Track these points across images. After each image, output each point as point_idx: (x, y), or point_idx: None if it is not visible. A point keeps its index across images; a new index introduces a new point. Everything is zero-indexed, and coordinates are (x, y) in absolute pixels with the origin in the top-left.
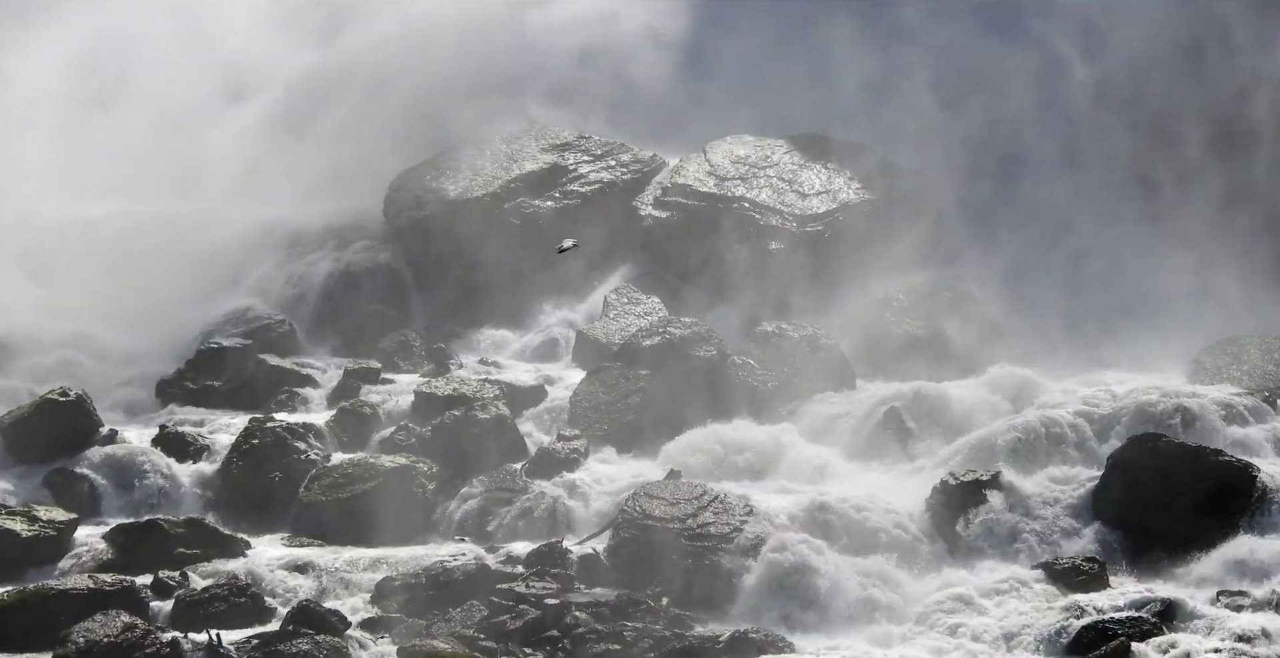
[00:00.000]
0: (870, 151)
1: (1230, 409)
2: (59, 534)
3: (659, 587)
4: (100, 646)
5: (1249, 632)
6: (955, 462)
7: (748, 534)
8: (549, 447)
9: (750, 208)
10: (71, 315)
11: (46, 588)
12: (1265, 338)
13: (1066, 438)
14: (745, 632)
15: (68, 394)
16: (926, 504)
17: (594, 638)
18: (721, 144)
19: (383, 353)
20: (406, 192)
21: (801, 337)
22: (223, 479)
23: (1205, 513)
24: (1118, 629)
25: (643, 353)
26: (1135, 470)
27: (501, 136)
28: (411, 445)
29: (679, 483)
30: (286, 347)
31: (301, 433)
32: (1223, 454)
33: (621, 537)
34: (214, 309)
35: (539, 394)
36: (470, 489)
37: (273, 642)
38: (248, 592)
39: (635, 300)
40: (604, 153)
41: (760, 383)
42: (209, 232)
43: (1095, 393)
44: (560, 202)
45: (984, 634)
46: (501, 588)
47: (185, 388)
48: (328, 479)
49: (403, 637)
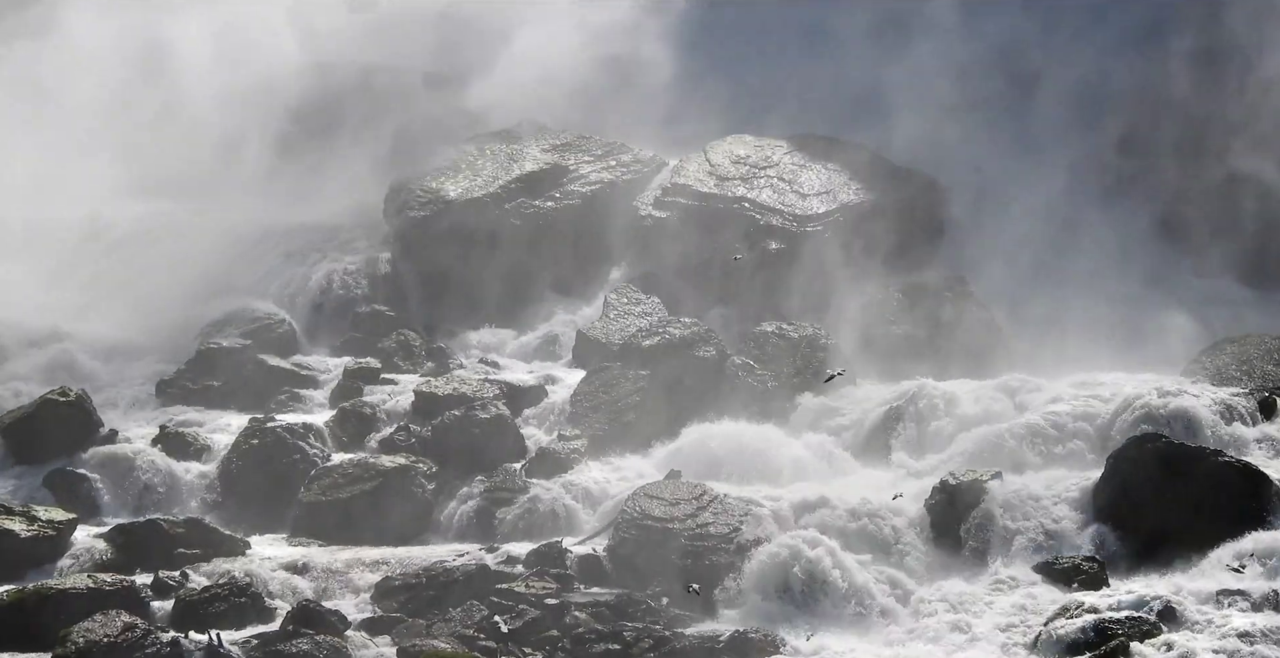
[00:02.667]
0: (870, 152)
1: (1230, 409)
2: (59, 534)
3: (659, 587)
4: (100, 646)
5: (1249, 632)
6: (955, 462)
7: (747, 534)
8: (549, 447)
9: (750, 208)
10: (71, 315)
11: (46, 588)
12: (1265, 338)
13: (1067, 438)
14: (745, 632)
15: (68, 394)
16: (926, 504)
17: (594, 638)
18: (721, 144)
19: (383, 353)
20: (406, 192)
21: (801, 337)
22: (223, 479)
23: (1205, 513)
24: (1118, 629)
25: (643, 353)
26: (1135, 470)
27: (502, 137)
28: (411, 446)
29: (679, 483)
30: (286, 347)
31: (301, 433)
32: (1222, 454)
33: (621, 537)
34: (214, 309)
35: (539, 394)
36: (470, 489)
37: (273, 642)
38: (248, 592)
39: (635, 300)
40: (604, 153)
41: (760, 383)
42: (209, 232)
43: (1095, 393)
44: (560, 202)
45: (984, 634)
46: (501, 588)
47: (185, 388)
48: (328, 479)
49: (403, 637)
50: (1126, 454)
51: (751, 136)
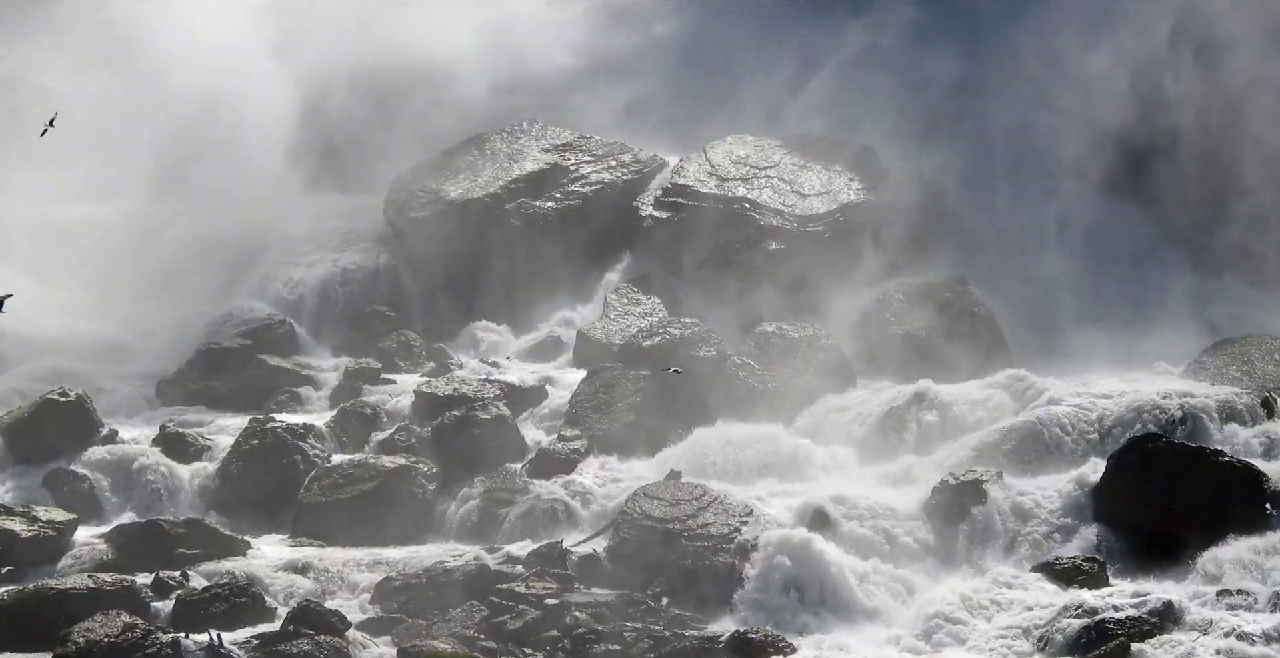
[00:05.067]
0: (870, 152)
1: (1230, 409)
2: (59, 534)
3: (659, 587)
4: (100, 646)
5: (1249, 632)
6: (956, 462)
7: (747, 535)
8: (549, 447)
9: (750, 208)
10: (71, 315)
11: (46, 588)
12: (1265, 338)
13: (1067, 438)
14: (745, 632)
15: (68, 394)
16: (927, 505)
17: (594, 638)
18: (721, 144)
19: (383, 353)
20: (407, 192)
21: (801, 337)
22: (223, 480)
23: (1205, 513)
24: (1118, 629)
25: (643, 353)
26: (1135, 471)
27: (503, 137)
28: (411, 446)
29: (679, 483)
30: (286, 347)
31: (302, 433)
32: (1222, 455)
33: (621, 537)
34: (214, 309)
35: (539, 394)
36: (470, 490)
37: (273, 642)
38: (248, 592)
39: (635, 301)
40: (604, 153)
41: (760, 383)
42: (209, 232)
43: (1096, 393)
44: (561, 202)
45: (984, 634)
46: (501, 588)
47: (185, 388)
48: (328, 480)
49: (403, 637)
50: (1127, 454)
51: (751, 137)
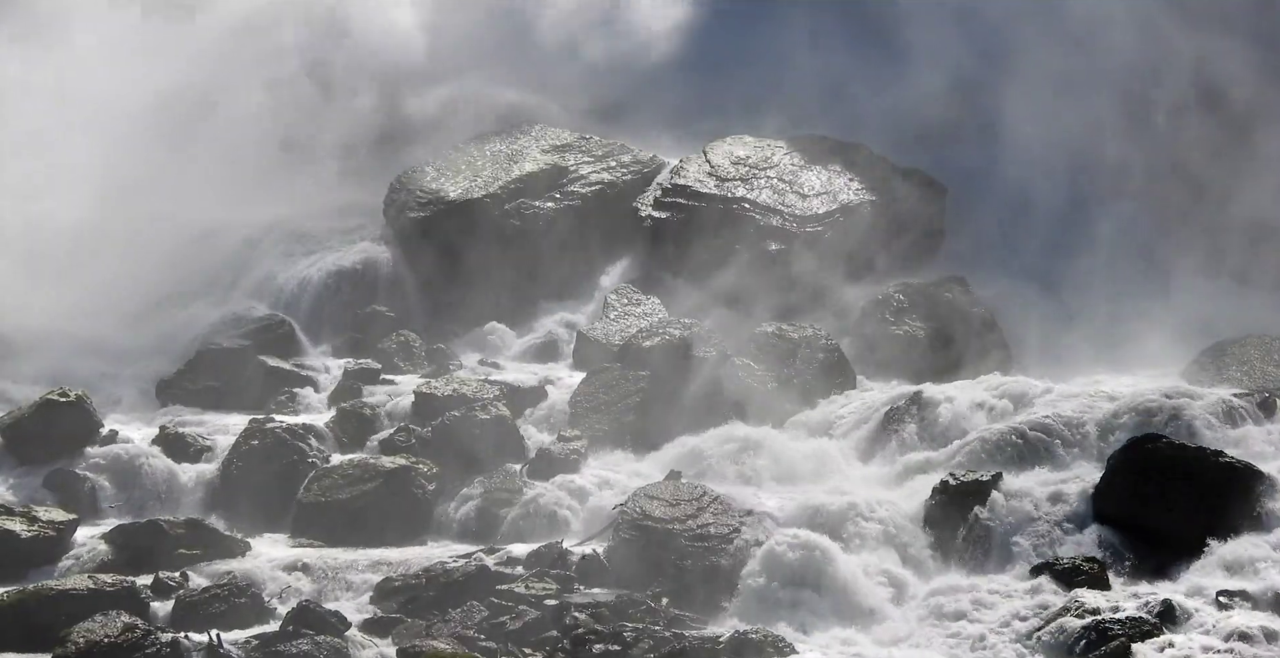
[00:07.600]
0: (870, 152)
1: (1230, 410)
2: (59, 534)
3: (659, 587)
4: (100, 646)
5: (1249, 632)
6: (955, 463)
7: (747, 535)
8: (549, 447)
9: (750, 208)
10: (71, 315)
11: (46, 588)
12: (1264, 338)
13: (1066, 439)
14: (745, 632)
15: (68, 394)
16: (927, 505)
17: (594, 638)
18: (721, 144)
19: (383, 353)
20: (406, 192)
21: (801, 337)
22: (223, 480)
23: (1205, 513)
24: (1118, 629)
25: (643, 353)
26: (1135, 471)
27: (502, 137)
28: (411, 446)
29: (679, 484)
30: (286, 347)
31: (301, 434)
32: (1222, 455)
33: (621, 537)
34: (214, 309)
35: (539, 395)
36: (470, 490)
37: (273, 642)
38: (248, 592)
39: (635, 301)
40: (604, 154)
41: (760, 384)
42: (209, 231)
43: (1095, 394)
44: (561, 202)
45: (984, 635)
46: (501, 588)
47: (185, 388)
48: (328, 480)
49: (403, 637)
50: (1127, 455)
51: (751, 137)
